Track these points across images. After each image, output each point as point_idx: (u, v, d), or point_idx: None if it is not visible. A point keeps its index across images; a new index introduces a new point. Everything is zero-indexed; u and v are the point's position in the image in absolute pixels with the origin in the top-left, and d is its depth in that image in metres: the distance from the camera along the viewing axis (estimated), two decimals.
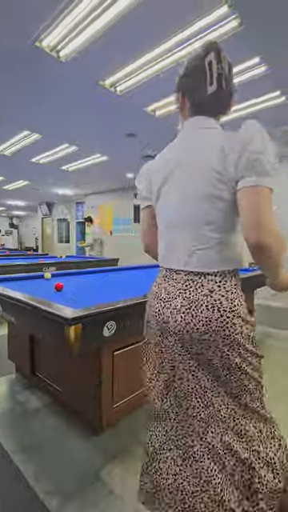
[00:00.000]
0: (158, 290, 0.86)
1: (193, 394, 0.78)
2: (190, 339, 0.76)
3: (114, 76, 2.51)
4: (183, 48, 2.13)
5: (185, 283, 0.79)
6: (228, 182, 0.72)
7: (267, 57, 2.24)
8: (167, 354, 0.83)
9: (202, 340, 0.75)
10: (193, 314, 0.75)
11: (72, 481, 1.27)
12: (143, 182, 0.95)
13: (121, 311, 1.34)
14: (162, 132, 3.78)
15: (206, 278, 0.76)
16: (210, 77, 0.80)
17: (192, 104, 0.85)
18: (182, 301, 0.77)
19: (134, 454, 1.43)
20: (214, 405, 0.76)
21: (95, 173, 6.04)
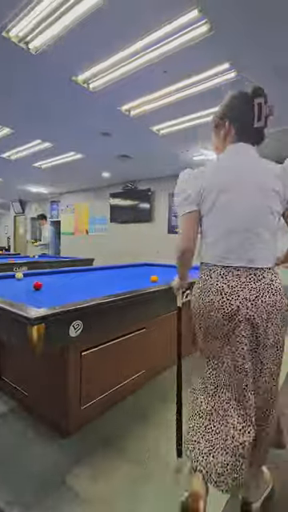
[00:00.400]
0: (219, 286, 0.99)
1: (249, 372, 0.96)
2: (260, 320, 0.95)
3: (87, 72, 2.47)
4: (155, 49, 2.14)
5: (247, 277, 0.97)
6: (284, 200, 1.00)
7: (236, 63, 2.32)
8: (235, 338, 0.97)
9: (268, 319, 0.96)
10: (262, 300, 0.95)
11: (36, 487, 1.22)
12: (194, 187, 1.03)
13: (88, 310, 1.31)
14: (137, 132, 3.79)
15: (265, 272, 0.98)
16: (258, 114, 1.01)
17: (236, 132, 1.06)
18: (249, 291, 0.96)
19: (103, 455, 1.41)
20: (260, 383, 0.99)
21: (70, 171, 5.92)
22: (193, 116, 3.26)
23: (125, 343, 1.77)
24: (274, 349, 1.00)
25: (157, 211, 6.43)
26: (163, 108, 3.07)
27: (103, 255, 7.54)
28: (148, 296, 1.73)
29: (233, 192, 0.99)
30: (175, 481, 1.26)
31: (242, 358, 0.95)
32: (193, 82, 2.57)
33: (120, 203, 6.92)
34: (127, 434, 1.57)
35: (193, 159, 4.92)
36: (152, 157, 4.91)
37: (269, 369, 1.00)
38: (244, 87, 1.08)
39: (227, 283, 0.97)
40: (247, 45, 2.11)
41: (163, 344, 2.24)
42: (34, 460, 1.37)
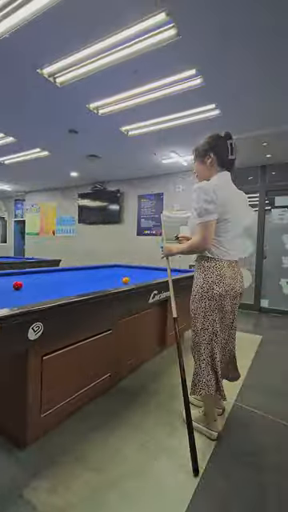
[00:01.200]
0: (229, 273, 1.50)
1: (232, 323, 1.60)
2: (239, 295, 1.56)
3: (53, 66, 2.38)
4: (124, 48, 2.13)
5: (236, 267, 1.55)
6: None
7: (202, 70, 2.39)
8: (226, 306, 1.49)
9: (240, 293, 1.57)
10: (242, 282, 1.58)
11: None
12: (215, 201, 1.40)
13: (49, 312, 1.24)
14: (105, 131, 3.74)
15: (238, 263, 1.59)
16: (231, 150, 1.51)
17: (218, 162, 1.54)
18: (240, 277, 1.57)
19: (63, 465, 1.34)
20: (234, 324, 1.62)
21: (36, 169, 5.68)
22: (162, 119, 3.30)
23: (90, 346, 1.71)
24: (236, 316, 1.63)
25: (126, 213, 6.41)
26: (133, 109, 3.07)
27: (71, 257, 7.33)
28: (114, 296, 1.70)
29: (238, 208, 1.49)
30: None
31: (233, 316, 1.58)
32: (162, 85, 2.60)
33: (89, 204, 6.79)
34: (89, 441, 1.51)
35: (162, 162, 4.99)
36: (121, 158, 4.89)
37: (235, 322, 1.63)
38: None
39: (232, 271, 1.51)
40: (212, 52, 2.19)
41: (130, 346, 2.21)
42: None
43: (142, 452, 1.44)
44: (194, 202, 1.45)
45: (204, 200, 1.40)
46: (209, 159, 1.54)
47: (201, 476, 1.30)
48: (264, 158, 4.44)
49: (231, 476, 1.31)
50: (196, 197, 1.43)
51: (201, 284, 1.50)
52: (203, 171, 1.58)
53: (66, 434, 1.55)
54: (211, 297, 1.46)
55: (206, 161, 1.54)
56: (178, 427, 1.65)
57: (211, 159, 1.53)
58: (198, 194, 1.42)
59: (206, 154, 1.54)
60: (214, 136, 1.55)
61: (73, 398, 1.61)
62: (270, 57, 2.20)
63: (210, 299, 1.47)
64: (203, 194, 1.40)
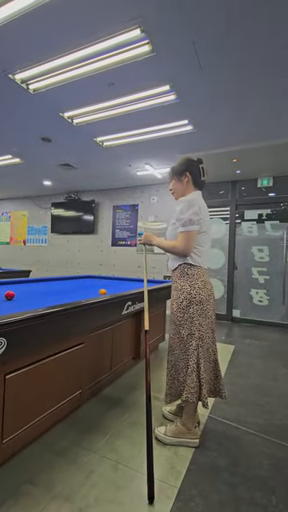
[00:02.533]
0: (209, 280, 1.66)
1: (213, 326, 1.67)
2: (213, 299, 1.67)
3: (25, 72, 2.33)
4: (100, 60, 2.15)
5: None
6: None
7: (176, 86, 2.47)
8: (209, 310, 1.62)
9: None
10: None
11: None
12: (199, 214, 1.56)
13: (14, 326, 1.15)
14: (80, 141, 3.72)
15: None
16: (202, 173, 1.70)
17: (192, 181, 1.71)
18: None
19: (26, 496, 1.22)
20: (214, 327, 1.69)
21: (7, 176, 5.47)
22: (137, 131, 3.35)
23: (59, 361, 1.61)
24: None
25: (101, 223, 6.35)
26: (108, 120, 3.08)
27: (42, 267, 7.06)
28: (86, 308, 1.63)
29: (209, 222, 1.67)
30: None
31: (213, 319, 1.67)
32: (138, 98, 2.65)
33: (62, 214, 6.64)
34: (56, 467, 1.40)
35: (136, 174, 5.04)
36: (96, 168, 4.87)
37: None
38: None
39: (209, 278, 1.68)
40: (186, 71, 2.27)
41: (103, 360, 2.12)
42: None
43: (114, 475, 1.36)
44: (179, 213, 1.58)
45: (192, 212, 1.54)
46: (185, 178, 1.70)
47: (175, 496, 1.24)
48: (234, 173, 4.65)
49: (206, 493, 1.27)
50: (182, 208, 1.57)
51: (188, 290, 1.58)
52: (180, 189, 1.73)
53: (31, 461, 1.42)
54: (198, 302, 1.56)
55: (183, 179, 1.71)
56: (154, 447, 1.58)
57: (187, 178, 1.70)
58: (185, 205, 1.57)
59: (182, 173, 1.70)
60: (188, 158, 1.73)
61: (40, 418, 1.49)
62: (242, 77, 2.33)
63: (197, 304, 1.56)
64: (190, 206, 1.56)
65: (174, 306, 1.63)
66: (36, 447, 1.52)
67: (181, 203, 1.60)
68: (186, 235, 1.54)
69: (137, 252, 1.59)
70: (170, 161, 4.37)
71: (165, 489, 1.28)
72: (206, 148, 3.79)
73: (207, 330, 1.60)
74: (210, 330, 1.63)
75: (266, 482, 1.35)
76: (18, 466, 1.38)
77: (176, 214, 1.60)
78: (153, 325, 2.94)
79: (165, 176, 5.13)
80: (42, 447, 1.52)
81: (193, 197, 1.62)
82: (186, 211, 1.55)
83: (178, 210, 1.59)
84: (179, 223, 1.57)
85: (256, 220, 4.92)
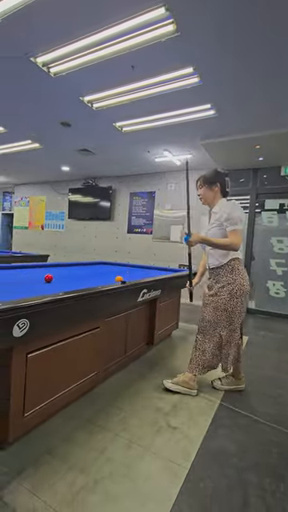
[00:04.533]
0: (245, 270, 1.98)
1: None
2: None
3: (47, 55, 2.31)
4: (122, 41, 2.08)
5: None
6: None
7: (200, 68, 2.37)
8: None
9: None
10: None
11: None
12: (243, 215, 1.92)
13: (36, 308, 1.20)
14: (99, 126, 3.68)
15: None
16: (227, 185, 2.01)
17: (220, 191, 2.02)
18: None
19: (46, 465, 1.31)
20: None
21: (26, 161, 5.54)
22: (157, 116, 3.28)
23: (77, 343, 1.68)
24: None
25: (117, 210, 6.36)
26: (128, 104, 3.02)
27: (59, 252, 7.21)
28: (104, 294, 1.67)
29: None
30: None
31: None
32: (159, 82, 2.57)
33: (79, 199, 6.69)
34: (73, 441, 1.48)
35: (155, 160, 4.97)
36: (114, 154, 4.83)
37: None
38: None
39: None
40: (211, 52, 2.17)
41: (117, 344, 2.19)
42: None
43: (126, 452, 1.43)
44: (228, 212, 1.86)
45: (240, 212, 1.87)
46: (216, 187, 2.00)
47: (185, 477, 1.30)
48: (256, 160, 4.48)
49: (214, 477, 1.32)
50: (231, 210, 1.86)
51: (241, 282, 1.89)
52: (210, 196, 2.02)
53: (50, 434, 1.52)
54: (247, 291, 1.93)
55: (214, 188, 2.00)
56: (163, 427, 1.64)
57: (218, 188, 2.00)
58: (233, 208, 1.87)
59: (214, 183, 2.00)
60: (219, 171, 2.03)
61: (58, 396, 1.57)
62: (270, 59, 2.20)
63: (246, 293, 1.92)
64: (238, 209, 1.87)
65: (226, 296, 1.91)
66: (54, 422, 1.61)
67: (227, 207, 1.89)
68: (238, 232, 1.84)
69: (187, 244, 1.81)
70: (189, 147, 4.26)
71: (175, 469, 1.34)
72: (228, 134, 3.65)
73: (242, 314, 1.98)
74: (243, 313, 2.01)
75: (274, 470, 1.38)
76: (38, 438, 1.47)
77: (224, 216, 1.87)
78: (167, 313, 2.98)
79: (183, 163, 5.02)
80: (60, 422, 1.61)
81: (234, 201, 1.93)
82: (235, 212, 1.85)
83: (228, 211, 1.86)
84: (230, 222, 1.84)
85: (277, 210, 4.75)
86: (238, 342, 2.00)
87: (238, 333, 1.99)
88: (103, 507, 1.12)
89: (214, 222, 1.94)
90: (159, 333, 2.80)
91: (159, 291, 2.43)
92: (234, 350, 1.98)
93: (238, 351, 2.02)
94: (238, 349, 2.02)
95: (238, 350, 2.03)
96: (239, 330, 2.00)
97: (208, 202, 2.04)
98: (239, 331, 2.00)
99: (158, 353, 2.74)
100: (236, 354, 2.01)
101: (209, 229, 1.98)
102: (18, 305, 1.12)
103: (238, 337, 1.99)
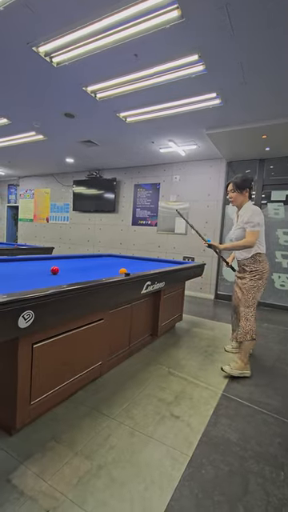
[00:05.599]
0: (267, 260, 2.36)
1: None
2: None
3: (50, 44, 2.28)
4: (125, 29, 2.04)
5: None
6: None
7: (205, 56, 2.32)
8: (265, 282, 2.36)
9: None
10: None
11: None
12: (262, 219, 2.28)
13: (41, 300, 1.22)
14: (103, 117, 3.64)
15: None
16: (253, 187, 2.91)
17: (249, 194, 2.38)
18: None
19: (52, 451, 1.36)
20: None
21: (31, 153, 5.53)
22: (161, 106, 3.22)
23: (81, 334, 1.71)
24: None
25: (122, 202, 6.34)
26: (131, 94, 2.98)
27: (65, 244, 7.26)
28: (108, 286, 1.68)
29: (263, 222, 2.30)
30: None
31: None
32: (163, 70, 2.52)
33: (84, 192, 6.68)
34: (78, 428, 1.53)
35: (159, 151, 4.91)
36: (118, 145, 4.78)
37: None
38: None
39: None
40: (217, 38, 2.11)
41: (121, 335, 2.22)
42: None
43: (130, 439, 1.46)
44: (248, 217, 2.23)
45: (259, 218, 2.22)
46: (246, 192, 2.36)
47: (187, 464, 1.33)
48: (263, 150, 4.39)
49: (216, 464, 1.35)
50: (252, 215, 2.22)
51: (261, 270, 2.30)
52: (240, 199, 2.37)
53: (55, 421, 1.56)
54: (265, 278, 2.33)
55: (245, 193, 2.35)
56: (166, 416, 1.68)
57: (247, 192, 2.36)
58: (254, 213, 2.23)
59: (245, 188, 2.33)
60: (248, 178, 2.36)
61: (63, 385, 1.61)
62: (279, 43, 2.14)
63: (264, 279, 2.33)
64: (258, 214, 2.23)
65: (248, 280, 2.31)
66: (60, 410, 1.66)
67: (248, 212, 2.26)
68: (255, 233, 2.22)
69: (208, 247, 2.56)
70: (194, 138, 4.20)
71: (177, 456, 1.37)
72: (234, 123, 3.58)
73: (259, 294, 2.35)
74: (260, 293, 2.37)
75: (275, 459, 1.41)
76: (45, 425, 1.52)
77: (245, 219, 2.25)
78: (171, 305, 2.99)
79: (189, 154, 4.96)
80: (66, 410, 1.66)
81: (256, 207, 2.28)
82: (255, 217, 2.21)
83: (249, 215, 2.23)
84: (249, 225, 2.22)
85: (284, 201, 4.68)
86: (254, 315, 2.31)
87: (253, 308, 2.30)
88: (107, 491, 1.16)
89: (239, 224, 2.32)
90: (163, 324, 2.83)
91: (163, 283, 2.44)
92: (252, 321, 2.29)
93: (251, 325, 2.28)
94: (253, 321, 2.30)
95: (252, 324, 2.29)
96: (254, 307, 2.31)
97: (237, 204, 2.39)
98: (254, 307, 2.31)
99: (162, 344, 2.78)
100: (248, 327, 2.27)
101: (235, 229, 2.38)
102: (23, 296, 1.14)
103: (253, 310, 2.31)
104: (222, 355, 2.63)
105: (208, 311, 4.37)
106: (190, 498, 1.17)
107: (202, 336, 3.12)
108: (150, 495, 1.16)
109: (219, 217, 5.17)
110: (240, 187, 2.32)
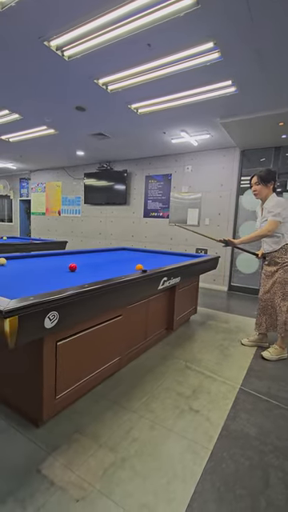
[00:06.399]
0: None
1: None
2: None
3: (61, 38, 2.24)
4: (138, 18, 1.98)
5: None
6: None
7: (221, 43, 2.23)
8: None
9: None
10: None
11: (9, 479, 1.20)
12: (284, 210, 2.31)
13: (65, 301, 1.26)
14: (114, 109, 3.59)
15: None
16: (277, 180, 2.44)
17: (273, 187, 2.42)
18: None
19: (77, 442, 1.42)
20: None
21: (42, 147, 5.53)
22: (174, 96, 3.14)
23: (102, 331, 1.75)
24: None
25: (133, 194, 6.30)
26: (144, 85, 2.91)
27: (77, 238, 7.33)
28: (127, 284, 1.70)
29: (286, 213, 2.34)
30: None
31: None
32: (177, 59, 2.44)
33: (95, 184, 6.67)
34: (101, 420, 1.58)
35: (171, 141, 4.82)
36: (130, 137, 4.72)
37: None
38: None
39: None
40: (234, 24, 2.02)
41: (139, 330, 2.25)
42: (6, 451, 1.34)
43: (151, 433, 1.51)
44: (271, 208, 2.32)
45: (280, 209, 2.28)
46: (271, 185, 2.40)
47: (208, 458, 1.36)
48: (279, 138, 4.24)
49: (236, 458, 1.38)
50: (274, 205, 2.31)
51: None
52: (264, 192, 2.41)
53: (79, 414, 1.62)
54: None
55: (269, 186, 2.40)
56: (185, 410, 1.71)
57: (272, 185, 2.40)
58: (277, 204, 2.30)
59: (269, 181, 2.39)
60: (272, 171, 2.41)
61: (85, 380, 1.66)
62: None
63: None
64: (280, 206, 2.30)
65: (283, 273, 2.35)
66: (82, 403, 1.72)
67: (272, 202, 2.34)
68: (274, 223, 2.29)
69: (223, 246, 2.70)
70: (207, 127, 4.09)
71: (198, 449, 1.41)
72: (249, 111, 3.46)
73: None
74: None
75: None
76: (69, 418, 1.58)
77: (268, 209, 2.33)
78: (185, 299, 3.00)
79: (201, 143, 4.85)
80: (87, 404, 1.72)
81: (280, 199, 2.35)
82: (276, 208, 2.29)
83: (271, 206, 2.32)
84: (271, 214, 2.29)
85: None
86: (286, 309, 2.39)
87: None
88: (132, 483, 1.21)
89: (266, 216, 2.36)
90: (178, 318, 2.85)
91: (179, 278, 2.44)
92: (285, 316, 2.37)
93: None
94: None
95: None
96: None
97: (262, 197, 2.42)
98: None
99: (177, 338, 2.80)
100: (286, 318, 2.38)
101: (261, 223, 2.44)
102: (49, 298, 1.17)
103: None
104: (238, 349, 2.64)
105: (222, 303, 4.36)
106: (212, 491, 1.20)
107: (217, 329, 3.13)
108: (173, 488, 1.20)
109: (233, 207, 5.08)
110: (265, 180, 2.37)
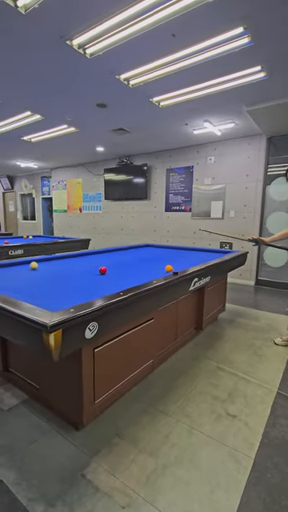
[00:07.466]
0: None
1: None
2: None
3: (82, 36, 2.19)
4: (158, 11, 1.89)
5: None
6: None
7: (252, 27, 2.08)
8: None
9: None
10: None
11: (56, 483, 1.24)
12: None
13: (103, 311, 1.25)
14: (135, 103, 3.51)
15: None
16: None
17: None
18: None
19: (117, 447, 1.43)
20: None
21: (63, 145, 5.57)
22: (198, 86, 3.01)
23: (135, 335, 1.75)
24: None
25: (153, 188, 6.22)
26: (166, 78, 2.81)
27: (99, 234, 7.39)
28: (160, 288, 1.68)
29: None
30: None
31: None
32: (203, 48, 2.32)
33: (115, 179, 6.64)
34: (138, 424, 1.59)
35: (193, 133, 4.67)
36: (150, 130, 4.62)
37: None
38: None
39: None
40: (265, 5, 1.88)
41: (169, 332, 2.24)
42: (50, 454, 1.39)
43: (189, 439, 1.50)
44: None
45: None
46: None
47: (251, 467, 1.34)
48: None
49: (281, 468, 1.34)
50: None
51: None
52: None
53: (116, 418, 1.64)
54: None
55: None
56: (222, 415, 1.69)
57: None
58: None
59: None
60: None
61: (121, 384, 1.68)
62: None
63: None
64: None
65: None
66: (118, 407, 1.74)
67: None
68: None
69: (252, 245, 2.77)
70: (232, 116, 3.91)
71: (240, 458, 1.38)
72: (279, 97, 3.25)
73: None
74: None
75: None
76: (107, 421, 1.61)
77: None
78: (214, 296, 2.94)
79: (224, 133, 4.65)
80: (124, 407, 1.73)
81: None
82: None
83: None
84: None
85: None
86: None
87: None
88: (174, 491, 1.21)
89: None
90: (207, 317, 2.80)
91: (209, 277, 2.39)
92: None
93: None
94: None
95: None
96: None
97: None
98: None
99: (207, 338, 2.76)
100: None
101: None
102: (89, 310, 1.17)
103: None
104: (271, 348, 2.56)
105: (249, 299, 4.24)
106: (258, 502, 1.18)
107: (247, 327, 3.05)
108: (217, 498, 1.19)
109: (259, 199, 4.87)
110: None
